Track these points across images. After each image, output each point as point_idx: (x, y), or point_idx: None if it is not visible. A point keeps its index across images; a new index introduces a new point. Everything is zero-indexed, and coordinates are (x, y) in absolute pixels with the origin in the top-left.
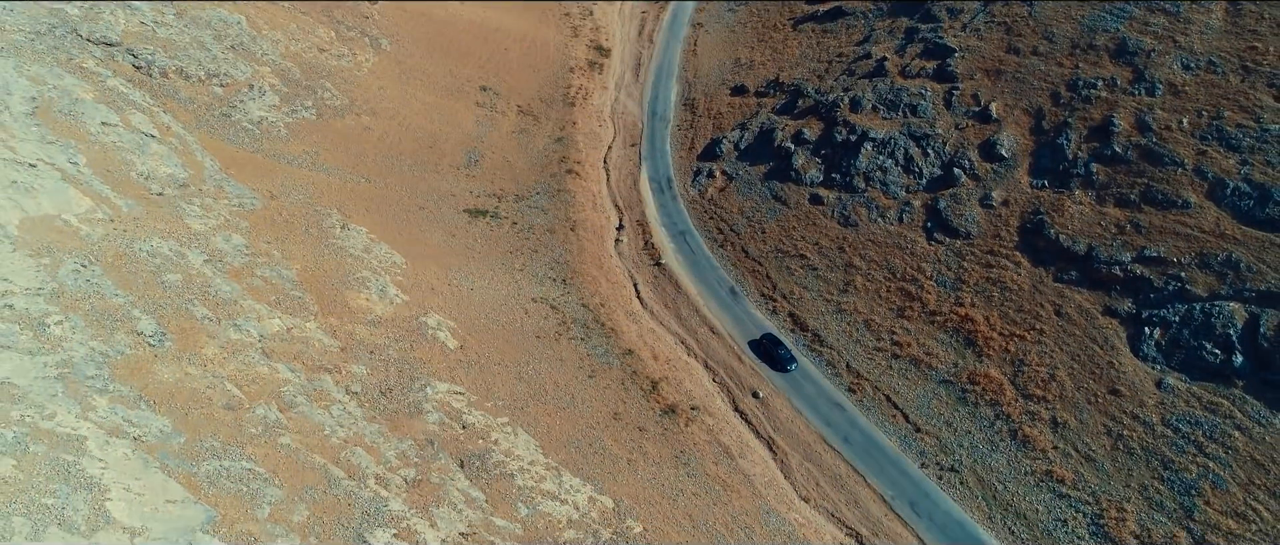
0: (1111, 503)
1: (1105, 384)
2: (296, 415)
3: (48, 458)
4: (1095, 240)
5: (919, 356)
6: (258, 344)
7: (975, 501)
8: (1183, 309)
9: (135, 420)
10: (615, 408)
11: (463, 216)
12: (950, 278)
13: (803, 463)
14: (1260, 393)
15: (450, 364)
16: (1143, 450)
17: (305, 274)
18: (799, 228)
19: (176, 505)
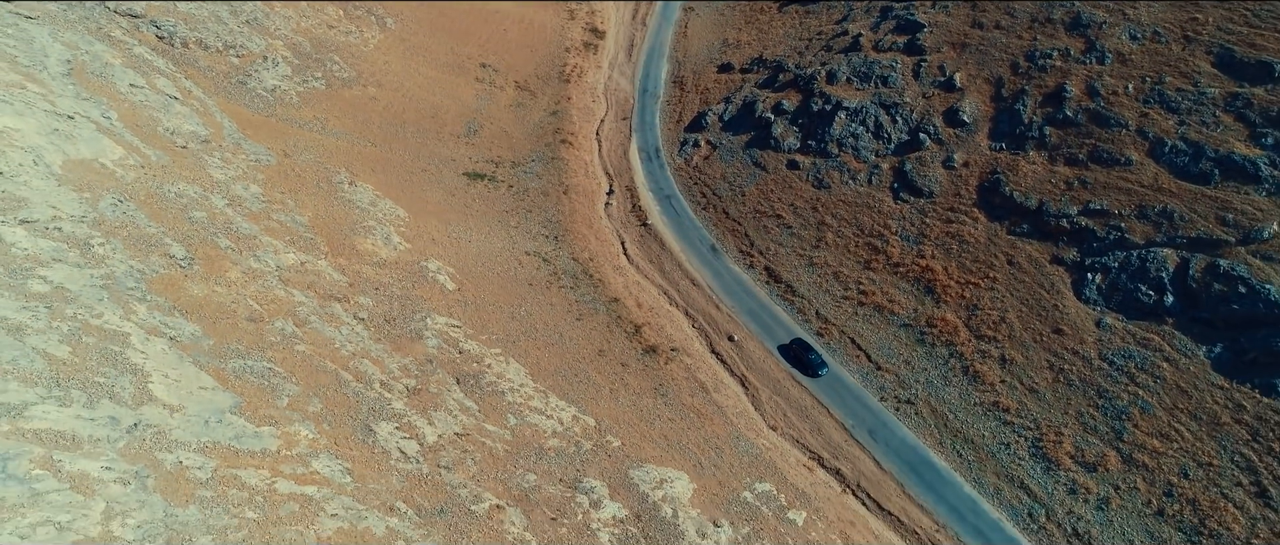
0: (1051, 428)
1: (1050, 324)
2: (310, 330)
3: (97, 347)
4: (1046, 196)
5: (882, 303)
6: (275, 273)
7: (928, 429)
8: (1122, 256)
9: (170, 325)
10: (600, 346)
11: (462, 179)
12: (913, 233)
13: (772, 397)
14: (1188, 328)
15: (449, 302)
16: (1080, 382)
17: (316, 221)
18: (776, 190)
19: (207, 392)
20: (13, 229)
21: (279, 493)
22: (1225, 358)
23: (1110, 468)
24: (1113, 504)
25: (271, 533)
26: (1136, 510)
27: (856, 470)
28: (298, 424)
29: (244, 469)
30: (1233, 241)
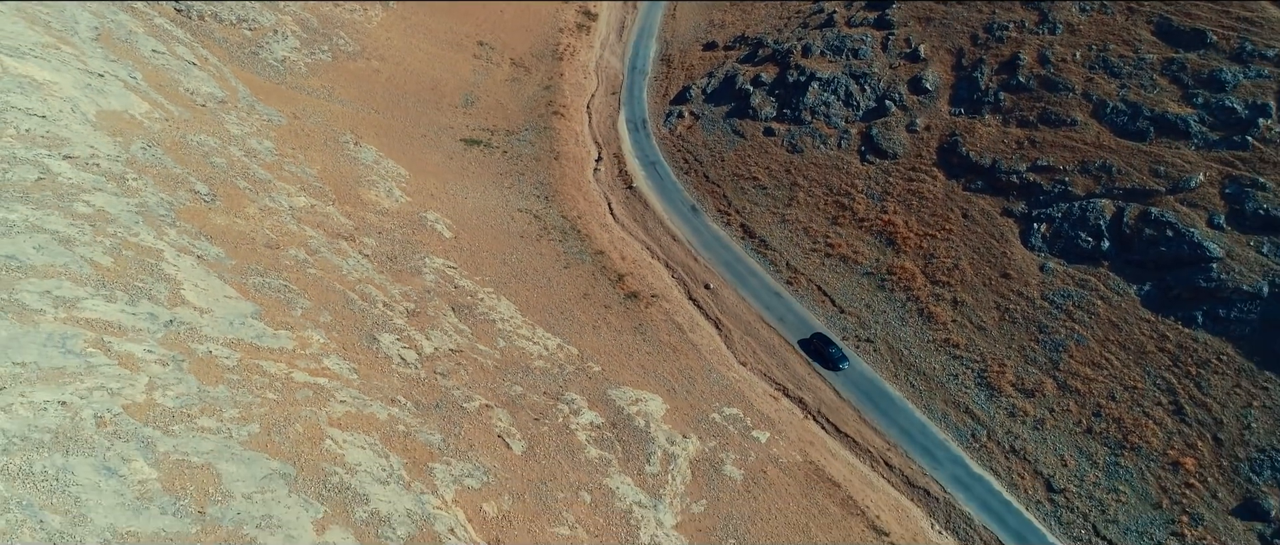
0: (995, 360)
1: (998, 270)
2: (320, 259)
3: (136, 259)
4: (999, 155)
5: (847, 254)
6: (288, 212)
7: (885, 363)
8: (1065, 207)
9: (197, 246)
10: (585, 290)
11: (459, 145)
12: (878, 191)
13: (743, 336)
14: (1121, 270)
15: (445, 247)
16: (1023, 319)
17: (324, 173)
18: (753, 155)
19: (231, 300)
20: (58, 162)
21: (295, 381)
22: (1153, 295)
23: (1047, 393)
24: (1047, 424)
25: (289, 410)
26: (1068, 429)
27: (818, 399)
28: (310, 330)
29: (264, 361)
30: (1163, 191)
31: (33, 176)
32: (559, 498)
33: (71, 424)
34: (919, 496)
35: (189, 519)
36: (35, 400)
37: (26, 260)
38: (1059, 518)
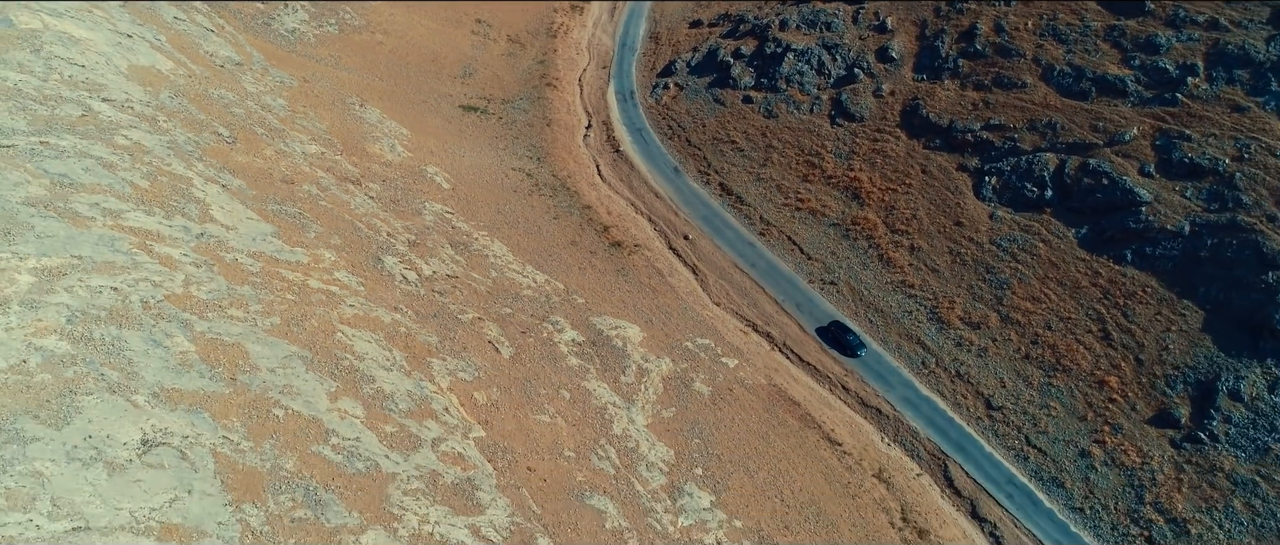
0: (945, 298)
1: (952, 218)
2: (330, 195)
3: (170, 184)
4: (956, 116)
5: (816, 208)
6: (301, 156)
7: (846, 302)
8: (1013, 161)
9: (221, 177)
10: (573, 238)
11: (458, 110)
12: (845, 151)
13: (718, 280)
14: (1061, 216)
15: (444, 196)
16: (973, 261)
17: (333, 129)
18: (732, 121)
19: (253, 222)
20: (98, 103)
21: (310, 287)
22: (1089, 237)
23: (990, 325)
24: (990, 352)
25: (305, 309)
26: (1008, 356)
27: (784, 333)
28: (322, 249)
29: (283, 270)
30: (1101, 144)
31: (77, 113)
32: (541, 393)
33: (123, 305)
34: (871, 414)
35: (222, 383)
36: (92, 285)
37: (77, 179)
38: (996, 431)
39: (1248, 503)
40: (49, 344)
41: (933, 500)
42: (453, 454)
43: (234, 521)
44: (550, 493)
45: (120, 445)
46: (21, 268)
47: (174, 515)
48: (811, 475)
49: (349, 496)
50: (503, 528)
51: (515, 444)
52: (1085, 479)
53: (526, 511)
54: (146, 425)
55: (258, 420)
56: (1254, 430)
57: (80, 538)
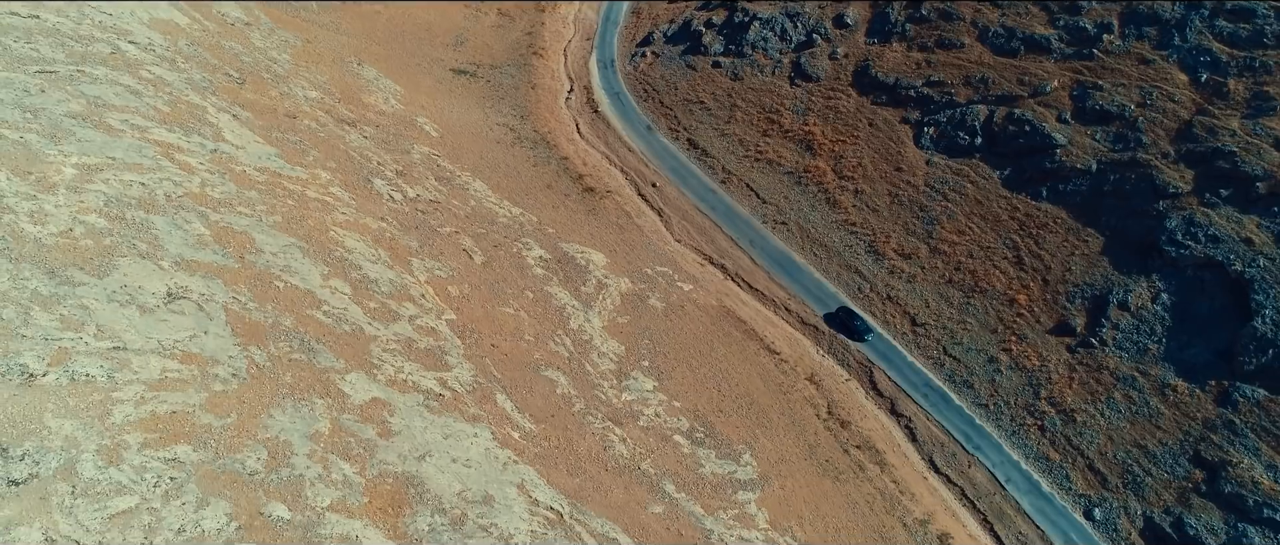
0: (882, 234)
1: (893, 165)
2: (328, 130)
3: (187, 110)
4: (901, 74)
5: (773, 159)
6: (303, 99)
7: (795, 239)
8: (949, 113)
9: (231, 109)
10: (549, 182)
11: (448, 73)
12: (802, 108)
13: (681, 221)
14: (988, 160)
15: (432, 141)
16: (909, 202)
17: (332, 82)
18: (702, 84)
19: (259, 144)
20: (125, 44)
21: (308, 196)
22: (1011, 177)
23: (920, 256)
24: (918, 278)
25: (303, 211)
26: (933, 281)
27: (737, 265)
28: (319, 170)
29: (285, 182)
30: (1026, 95)
31: (107, 51)
32: (508, 292)
33: (149, 196)
34: (809, 331)
35: (233, 259)
36: (124, 179)
37: (108, 100)
38: (918, 343)
39: (1126, 394)
40: (90, 220)
41: (857, 399)
42: (426, 328)
43: (242, 356)
44: (510, 364)
45: (149, 294)
46: (66, 163)
47: (193, 347)
48: (749, 375)
49: (336, 348)
50: (466, 383)
51: (481, 327)
52: (991, 380)
53: (488, 375)
54: (171, 283)
55: (262, 288)
56: (1136, 335)
57: (119, 355)
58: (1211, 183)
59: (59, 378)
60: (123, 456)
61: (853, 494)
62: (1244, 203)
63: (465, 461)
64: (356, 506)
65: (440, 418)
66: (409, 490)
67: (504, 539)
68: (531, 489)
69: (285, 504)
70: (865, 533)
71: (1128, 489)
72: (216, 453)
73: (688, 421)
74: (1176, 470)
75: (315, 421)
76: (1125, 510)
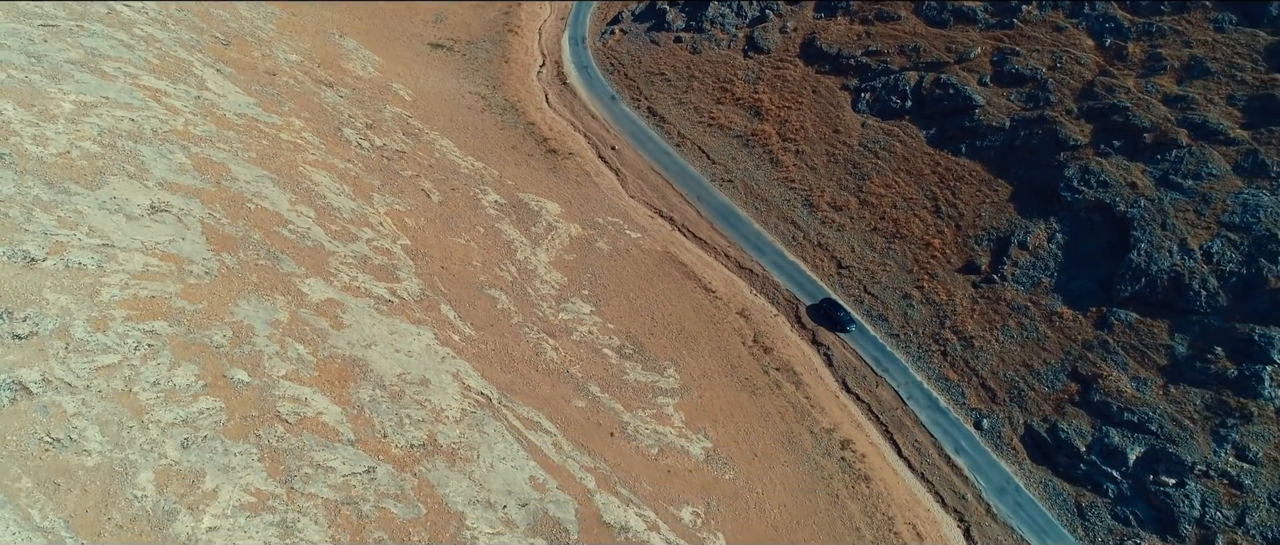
0: (818, 189)
1: (831, 127)
2: (305, 87)
3: (175, 63)
4: (843, 46)
5: (724, 124)
6: (284, 61)
7: (739, 195)
8: (884, 79)
9: (215, 65)
10: (514, 143)
11: (426, 47)
12: (753, 77)
13: (636, 180)
14: (917, 121)
15: (405, 104)
16: (844, 160)
17: (313, 50)
18: (664, 58)
19: (238, 94)
20: (119, 5)
21: (282, 139)
22: (935, 136)
23: (850, 208)
24: (846, 227)
25: (276, 150)
26: (860, 230)
27: (684, 217)
28: (293, 118)
29: (260, 126)
30: (952, 62)
31: (104, 10)
32: (460, 226)
33: (137, 129)
34: (744, 273)
35: (210, 183)
36: (116, 115)
37: (103, 52)
38: (842, 283)
39: (1018, 321)
40: (85, 145)
41: (782, 331)
42: (382, 249)
43: (214, 259)
44: (456, 283)
45: (135, 206)
46: (65, 99)
47: (171, 249)
48: (683, 308)
49: (298, 259)
50: (414, 294)
51: (433, 252)
52: (904, 314)
53: (435, 289)
54: (154, 198)
55: (234, 208)
56: (1032, 270)
57: (108, 250)
58: (1107, 135)
59: (56, 264)
60: (108, 325)
61: (767, 406)
62: (1133, 152)
63: (407, 353)
64: (308, 377)
65: (388, 319)
66: (355, 369)
67: (435, 413)
68: (465, 378)
69: (246, 371)
70: (773, 436)
71: (1013, 402)
72: (188, 329)
73: (619, 340)
74: (1056, 384)
75: (276, 312)
76: (1009, 420)
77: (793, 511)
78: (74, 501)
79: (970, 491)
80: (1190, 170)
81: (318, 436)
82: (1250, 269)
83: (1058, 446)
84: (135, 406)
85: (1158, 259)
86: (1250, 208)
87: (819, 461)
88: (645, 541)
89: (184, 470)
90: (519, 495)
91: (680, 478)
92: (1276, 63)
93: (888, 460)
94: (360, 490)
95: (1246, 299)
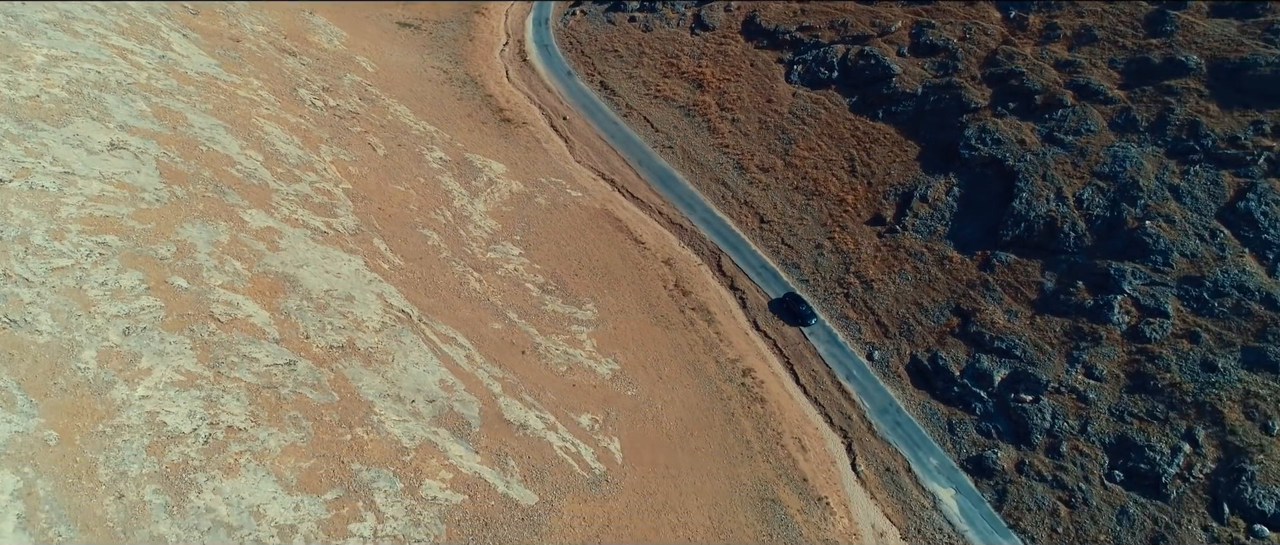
0: (748, 153)
1: (765, 97)
2: (267, 53)
3: (143, 27)
4: (780, 23)
5: (669, 96)
6: (250, 31)
7: (677, 159)
8: (815, 52)
9: (182, 30)
10: (470, 112)
11: (394, 25)
12: (697, 53)
13: (583, 147)
14: (841, 89)
15: (366, 74)
16: (774, 126)
17: (281, 24)
18: (619, 36)
19: (202, 56)
20: None
21: (238, 95)
22: (857, 103)
23: (776, 169)
24: (771, 187)
25: (232, 104)
26: (783, 189)
27: (624, 179)
28: (252, 78)
29: (219, 84)
30: (875, 35)
31: None
32: (402, 176)
33: (103, 80)
34: (675, 229)
35: (167, 128)
36: (83, 67)
37: (76, 14)
38: (762, 236)
39: (914, 266)
40: (54, 91)
41: (704, 277)
42: (323, 189)
43: (166, 190)
44: (391, 222)
45: (96, 143)
46: (37, 53)
47: (127, 179)
48: (610, 255)
49: (243, 193)
50: (350, 228)
51: (372, 195)
52: (815, 262)
53: (370, 225)
54: (114, 137)
55: (188, 149)
56: (930, 221)
57: (68, 177)
58: (1004, 98)
59: (21, 185)
60: (65, 236)
61: (678, 339)
62: (1025, 112)
63: (336, 274)
64: (241, 288)
65: (322, 246)
66: (285, 284)
67: (357, 322)
68: (389, 298)
69: (185, 279)
70: (680, 364)
71: (902, 336)
72: (136, 243)
73: (543, 278)
74: (940, 319)
75: (218, 235)
76: (897, 352)
77: (688, 424)
78: (25, 369)
79: (856, 412)
80: (1072, 127)
81: (246, 334)
82: (1114, 213)
83: (936, 373)
84: (84, 300)
85: (1036, 206)
86: (1119, 158)
87: (720, 386)
88: (542, 438)
89: (123, 351)
90: (427, 393)
91: (584, 392)
92: (1153, 29)
93: (785, 387)
94: (280, 378)
95: (1108, 239)
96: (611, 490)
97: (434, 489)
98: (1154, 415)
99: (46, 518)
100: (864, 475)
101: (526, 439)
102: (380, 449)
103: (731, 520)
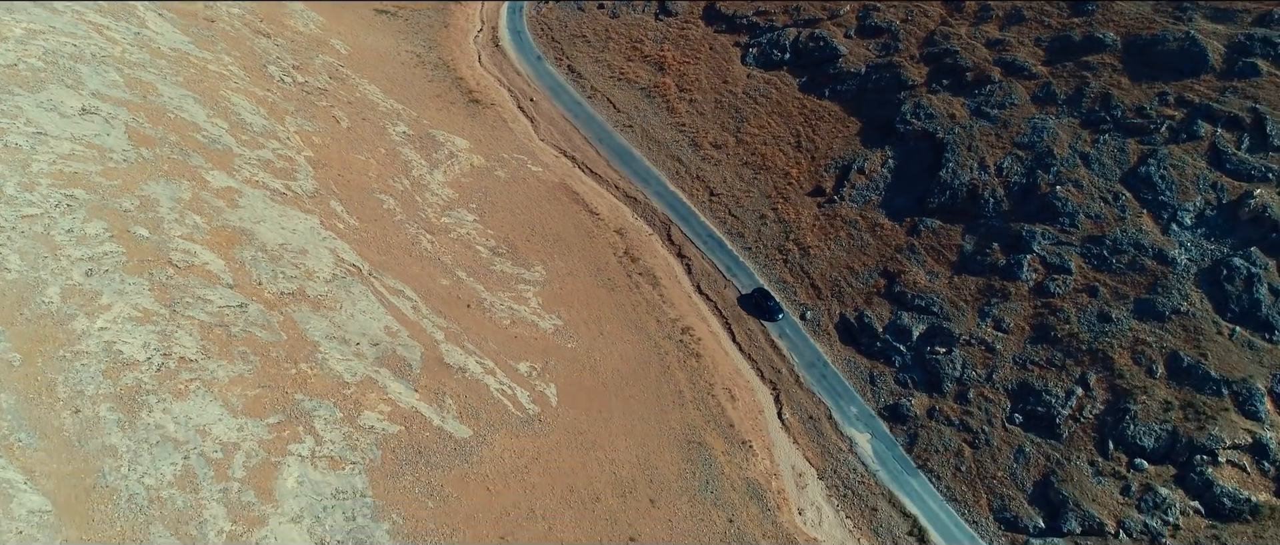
0: (703, 132)
1: (722, 79)
2: (241, 33)
3: (121, 7)
4: (738, 9)
5: (632, 78)
6: (225, 12)
7: (636, 137)
8: (769, 36)
9: (157, 10)
10: (439, 93)
11: (370, 10)
12: (660, 37)
13: (548, 126)
14: (792, 70)
15: (340, 56)
16: (729, 105)
17: (258, 7)
18: (587, 22)
19: (176, 33)
20: None
21: (209, 70)
22: (806, 83)
23: (728, 146)
24: (723, 163)
25: (201, 78)
26: (733, 164)
27: (585, 156)
28: (224, 55)
29: (191, 59)
30: (825, 18)
31: None
32: (364, 145)
33: (79, 52)
34: (629, 202)
35: (137, 97)
36: (60, 41)
37: None
38: (711, 208)
39: (848, 232)
40: (31, 61)
41: (654, 247)
42: (285, 156)
43: (134, 151)
44: (349, 188)
45: (69, 108)
46: (16, 26)
47: (96, 141)
48: (564, 224)
49: (207, 157)
50: (308, 190)
51: (333, 163)
52: (758, 231)
53: (328, 189)
54: (86, 103)
55: (156, 116)
56: (866, 191)
57: (40, 137)
58: (939, 75)
59: None
60: (35, 189)
61: (622, 300)
62: (957, 88)
63: (292, 230)
64: (200, 239)
65: (279, 206)
66: (242, 237)
67: (308, 273)
68: (341, 254)
69: (147, 229)
70: (622, 322)
71: (833, 297)
72: (103, 197)
73: (495, 242)
74: (868, 281)
75: (180, 192)
76: (828, 312)
77: (624, 374)
78: None
79: (785, 366)
80: (998, 101)
81: (201, 279)
82: (1030, 179)
83: (862, 330)
84: (51, 245)
85: (961, 175)
86: (1038, 129)
87: (659, 342)
88: (480, 381)
89: (86, 290)
90: (372, 337)
91: (525, 342)
92: (1076, 9)
93: (721, 344)
94: (232, 318)
95: (1024, 204)
96: (543, 429)
97: (372, 419)
98: (1052, 363)
99: (8, 425)
100: (788, 422)
101: (465, 381)
102: (323, 383)
103: (658, 459)
